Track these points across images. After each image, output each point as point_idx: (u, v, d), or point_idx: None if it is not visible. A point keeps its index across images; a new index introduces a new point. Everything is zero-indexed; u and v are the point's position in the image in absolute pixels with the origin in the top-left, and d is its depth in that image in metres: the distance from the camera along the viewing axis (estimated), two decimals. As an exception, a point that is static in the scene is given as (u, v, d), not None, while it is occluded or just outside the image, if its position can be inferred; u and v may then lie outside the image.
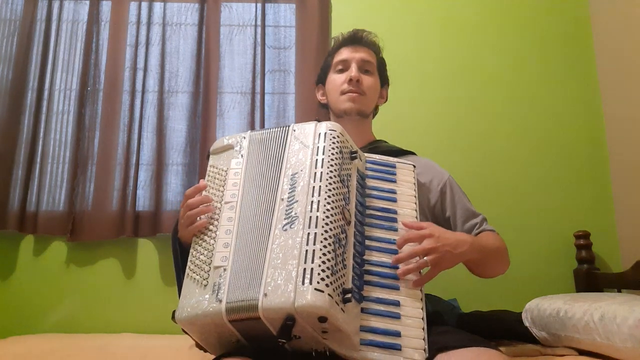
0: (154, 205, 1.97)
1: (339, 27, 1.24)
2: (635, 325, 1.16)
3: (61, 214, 1.96)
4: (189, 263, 0.98)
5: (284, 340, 0.78)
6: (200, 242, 0.99)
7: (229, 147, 1.11)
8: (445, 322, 1.20)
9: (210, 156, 1.14)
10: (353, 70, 1.33)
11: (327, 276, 0.80)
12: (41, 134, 2.02)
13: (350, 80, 1.32)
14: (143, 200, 2.01)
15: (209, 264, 0.93)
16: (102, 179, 1.98)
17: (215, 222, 0.99)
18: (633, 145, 1.96)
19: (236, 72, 2.15)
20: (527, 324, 1.54)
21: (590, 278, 1.90)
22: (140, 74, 2.08)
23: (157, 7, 2.16)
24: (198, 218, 1.02)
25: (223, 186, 1.04)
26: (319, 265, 0.81)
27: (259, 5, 2.15)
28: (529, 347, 1.46)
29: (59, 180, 2.00)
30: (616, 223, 2.05)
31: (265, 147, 1.06)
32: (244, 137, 1.10)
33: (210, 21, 2.15)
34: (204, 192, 1.06)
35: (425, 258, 0.95)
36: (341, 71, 1.37)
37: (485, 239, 1.17)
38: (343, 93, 1.33)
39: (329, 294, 0.78)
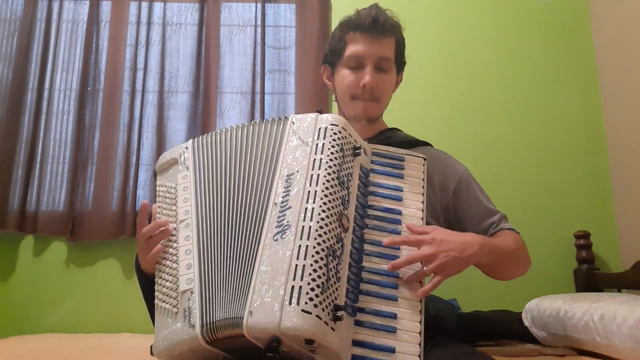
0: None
1: (339, 27, 1.21)
2: (635, 325, 1.16)
3: (61, 214, 1.96)
4: (156, 293, 0.93)
5: (271, 354, 0.76)
6: (163, 268, 0.94)
7: (174, 162, 1.04)
8: (445, 326, 1.18)
9: (157, 175, 1.07)
10: (368, 75, 1.15)
11: (317, 295, 0.76)
12: (41, 134, 2.02)
13: (363, 86, 1.15)
14: (143, 200, 2.01)
15: (176, 290, 0.88)
16: (102, 179, 1.98)
17: (174, 244, 0.94)
18: (633, 145, 1.96)
19: (236, 72, 2.15)
20: (527, 323, 1.54)
21: (590, 278, 1.90)
22: (140, 74, 2.08)
23: (157, 7, 2.16)
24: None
25: (175, 204, 0.98)
26: (309, 283, 0.76)
27: (259, 5, 2.15)
28: (529, 347, 1.46)
29: (59, 180, 2.00)
30: (616, 223, 2.05)
31: (233, 146, 0.98)
32: (186, 148, 1.04)
33: (210, 21, 2.15)
34: (157, 215, 0.99)
35: (424, 268, 0.89)
36: (354, 68, 1.17)
37: (499, 240, 1.08)
38: (354, 97, 1.18)
39: (317, 315, 0.75)
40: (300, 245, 0.80)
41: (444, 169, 1.18)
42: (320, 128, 0.93)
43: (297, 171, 0.89)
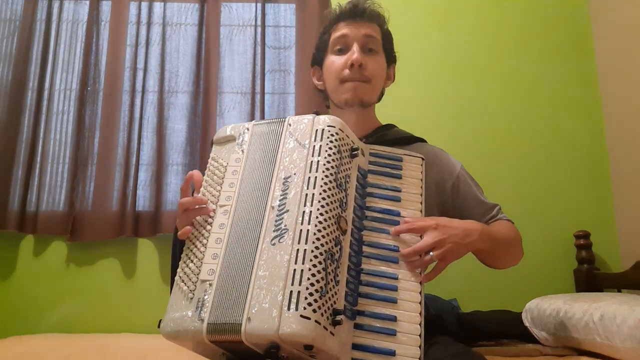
0: (154, 205, 1.97)
1: (339, 26, 1.21)
2: (635, 325, 1.15)
3: (61, 214, 1.96)
4: (179, 269, 0.91)
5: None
6: (192, 247, 0.91)
7: (231, 139, 1.00)
8: (445, 325, 1.18)
9: (213, 146, 1.03)
10: (355, 52, 1.14)
11: (316, 300, 0.75)
12: (41, 134, 2.01)
13: (351, 66, 1.14)
14: (143, 200, 2.01)
15: (197, 275, 0.86)
16: (102, 179, 1.98)
17: (209, 227, 0.90)
18: (633, 145, 1.96)
19: (236, 72, 2.14)
20: (527, 324, 1.54)
21: (590, 278, 1.90)
22: (140, 74, 2.08)
23: (157, 7, 2.16)
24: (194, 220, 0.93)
25: (220, 185, 0.94)
26: (307, 288, 0.75)
27: (259, 5, 2.15)
28: (529, 347, 1.46)
29: (59, 180, 2.00)
30: (616, 223, 2.05)
31: (263, 143, 0.96)
32: (247, 129, 0.99)
33: (210, 21, 2.15)
34: (202, 189, 0.96)
35: (431, 253, 0.89)
36: (340, 52, 1.17)
37: (496, 228, 1.09)
38: (343, 81, 1.16)
39: (316, 320, 0.74)
40: (298, 250, 0.79)
41: (440, 166, 1.18)
42: (317, 130, 0.92)
43: (295, 174, 0.88)
